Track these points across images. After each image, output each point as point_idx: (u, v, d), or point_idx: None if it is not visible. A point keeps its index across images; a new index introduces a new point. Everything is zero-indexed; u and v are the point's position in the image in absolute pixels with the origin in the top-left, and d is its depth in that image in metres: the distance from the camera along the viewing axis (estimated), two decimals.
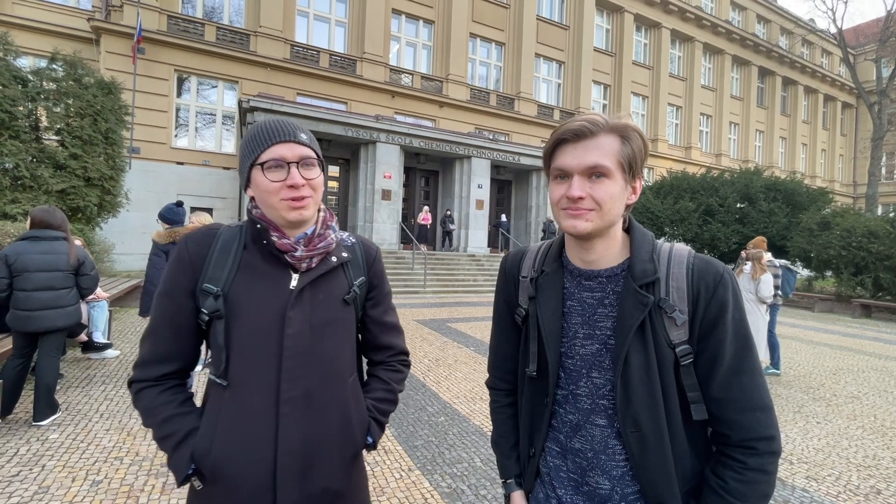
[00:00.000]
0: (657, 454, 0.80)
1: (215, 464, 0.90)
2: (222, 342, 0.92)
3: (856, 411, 4.33)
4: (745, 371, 0.80)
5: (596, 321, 0.86)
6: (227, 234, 0.99)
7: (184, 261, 0.96)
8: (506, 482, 1.02)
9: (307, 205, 0.94)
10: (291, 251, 0.95)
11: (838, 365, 6.23)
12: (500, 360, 1.06)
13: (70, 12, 13.44)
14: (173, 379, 0.98)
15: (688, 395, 0.82)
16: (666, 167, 22.20)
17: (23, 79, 7.65)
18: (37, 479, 2.53)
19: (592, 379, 0.86)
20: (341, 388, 1.01)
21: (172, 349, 0.97)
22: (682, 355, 0.81)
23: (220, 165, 14.22)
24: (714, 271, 0.82)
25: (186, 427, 0.94)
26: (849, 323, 10.65)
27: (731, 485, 0.79)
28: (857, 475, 3.04)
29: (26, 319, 3.06)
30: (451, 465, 2.90)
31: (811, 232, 13.58)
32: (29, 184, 7.52)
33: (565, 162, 0.81)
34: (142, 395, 0.95)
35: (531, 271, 0.96)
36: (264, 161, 0.91)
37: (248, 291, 0.94)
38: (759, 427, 0.79)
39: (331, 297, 1.00)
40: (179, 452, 0.92)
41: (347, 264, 1.05)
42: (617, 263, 0.87)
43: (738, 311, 0.81)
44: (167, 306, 0.96)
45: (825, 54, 32.21)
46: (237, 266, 0.95)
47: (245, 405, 0.92)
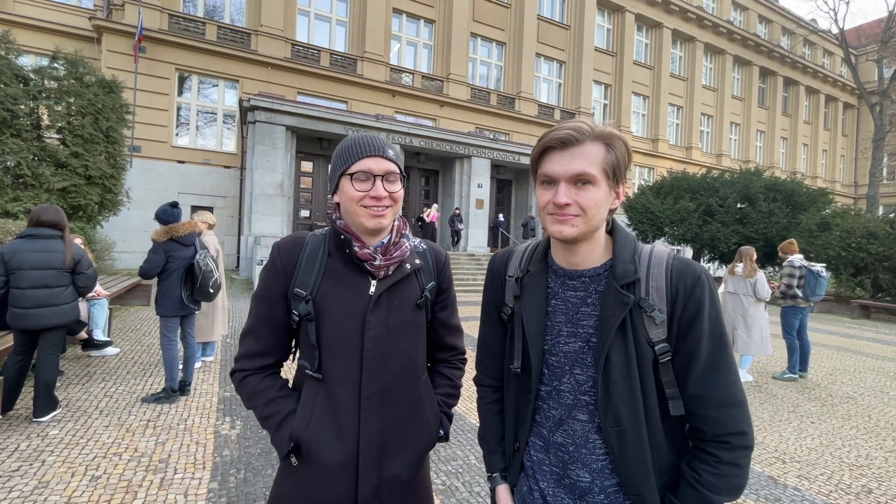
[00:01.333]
0: (636, 448, 0.83)
1: (309, 445, 1.01)
2: (314, 341, 1.02)
3: (851, 411, 4.35)
4: (721, 369, 0.83)
5: (579, 319, 0.89)
6: (313, 242, 1.08)
7: (277, 268, 1.06)
8: (491, 476, 1.05)
9: (386, 214, 1.03)
10: (371, 260, 1.03)
11: (835, 365, 6.24)
12: (487, 357, 1.09)
13: (72, 11, 13.47)
14: (271, 369, 1.10)
15: (666, 391, 0.85)
16: (666, 167, 22.20)
17: (24, 77, 7.68)
18: (36, 475, 2.56)
19: (575, 375, 0.89)
20: (416, 385, 1.11)
21: (270, 345, 1.08)
22: (660, 353, 0.84)
23: (220, 164, 14.26)
24: (692, 272, 0.85)
25: (287, 408, 1.05)
26: (847, 323, 10.66)
27: (706, 478, 0.82)
28: (850, 474, 3.06)
29: (22, 317, 3.08)
30: (445, 463, 2.93)
31: (811, 233, 13.58)
32: (30, 182, 7.55)
33: (552, 169, 0.84)
34: (246, 381, 1.07)
35: (517, 271, 0.99)
36: (353, 172, 1.01)
37: (332, 296, 1.03)
38: (733, 422, 0.82)
39: (405, 301, 1.08)
40: (282, 431, 1.02)
41: (419, 270, 1.13)
42: (600, 264, 0.90)
43: (714, 311, 0.84)
44: (264, 308, 1.07)
45: (827, 55, 32.16)
46: (323, 273, 1.05)
47: (334, 397, 1.03)
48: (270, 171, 12.23)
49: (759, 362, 6.06)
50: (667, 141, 24.08)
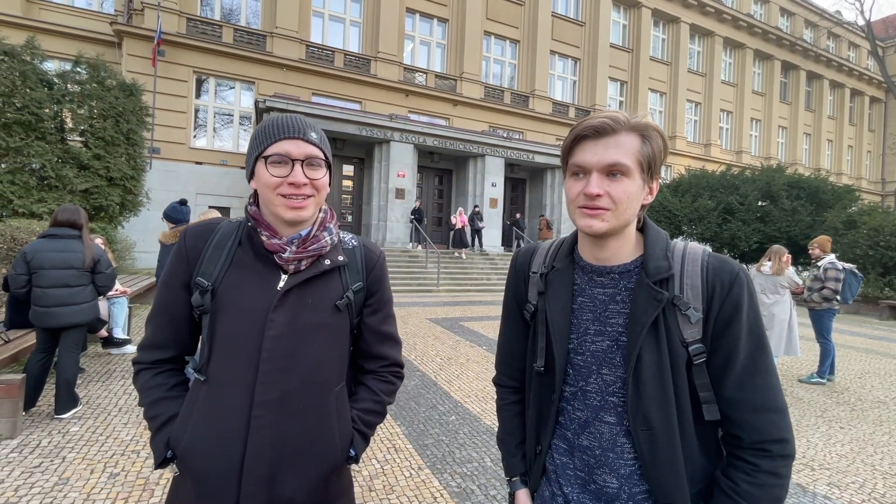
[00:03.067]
0: (667, 453, 0.79)
1: (184, 454, 0.92)
2: (206, 337, 0.93)
3: (882, 416, 4.17)
4: (760, 371, 0.78)
5: (607, 317, 0.85)
6: (225, 229, 0.99)
7: (181, 253, 0.97)
8: (511, 480, 1.01)
9: (307, 205, 0.92)
10: (280, 252, 0.93)
11: (864, 368, 6.02)
12: (507, 357, 1.05)
13: (93, 16, 13.80)
14: (168, 364, 1.01)
15: (700, 394, 0.81)
16: (684, 165, 21.78)
17: (48, 82, 7.90)
18: (57, 471, 2.60)
19: (602, 375, 0.85)
20: (323, 396, 0.98)
21: (168, 337, 0.99)
22: (694, 354, 0.79)
23: (237, 165, 14.45)
24: (730, 269, 0.80)
25: (169, 412, 0.96)
26: (876, 325, 10.29)
27: (743, 487, 0.77)
28: (883, 483, 2.93)
29: (44, 315, 3.15)
30: (461, 465, 2.89)
31: (836, 231, 13.16)
32: (54, 184, 7.76)
33: (584, 158, 0.80)
34: (139, 375, 1.00)
35: (541, 267, 0.96)
36: (269, 155, 0.90)
37: (235, 289, 0.93)
38: (773, 429, 0.77)
39: (321, 301, 0.97)
40: (159, 435, 0.95)
41: (344, 268, 1.02)
42: (630, 260, 0.86)
43: (753, 311, 0.80)
44: (165, 296, 0.99)
45: (852, 47, 31.15)
46: (229, 262, 0.95)
47: (219, 402, 0.92)
48: None
49: (783, 365, 5.87)
50: (685, 138, 23.62)
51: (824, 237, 5.41)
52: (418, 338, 6.48)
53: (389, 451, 3.04)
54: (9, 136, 7.23)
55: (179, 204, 3.79)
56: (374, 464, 2.85)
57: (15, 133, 7.30)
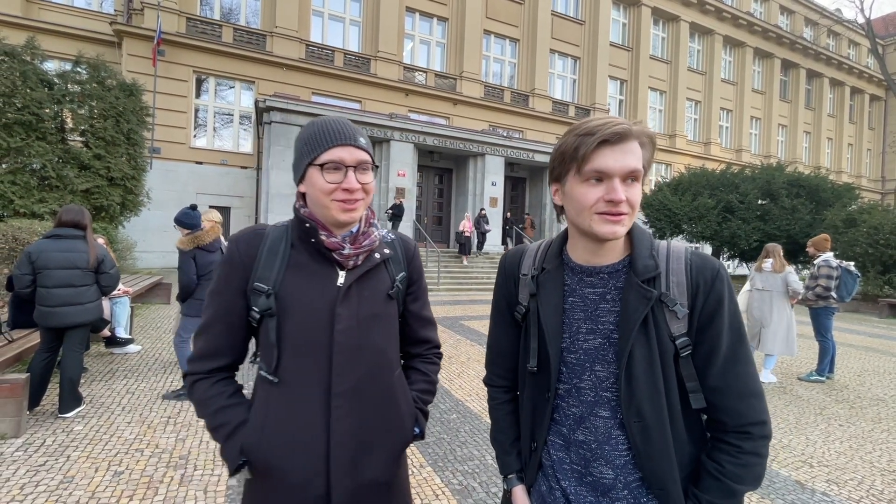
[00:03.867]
0: (659, 442, 0.84)
1: (265, 457, 0.94)
2: (274, 339, 0.95)
3: (881, 414, 4.19)
4: (740, 360, 0.84)
5: (598, 316, 0.88)
6: (274, 233, 1.02)
7: (234, 261, 0.99)
8: (507, 477, 1.03)
9: (358, 207, 0.98)
10: (339, 249, 0.98)
11: (863, 366, 6.04)
12: (498, 358, 1.07)
13: (93, 16, 13.80)
14: (224, 372, 1.03)
15: (686, 384, 0.86)
16: (684, 163, 21.79)
17: (49, 82, 7.90)
18: (62, 469, 2.62)
19: (596, 372, 0.88)
20: (389, 381, 1.05)
21: (224, 345, 1.01)
22: (681, 347, 0.84)
23: (237, 165, 14.47)
24: (711, 266, 0.86)
25: (236, 419, 0.98)
26: (875, 323, 10.31)
27: (729, 468, 0.83)
28: (881, 480, 2.95)
29: (48, 315, 3.17)
30: (462, 463, 2.91)
31: (836, 229, 13.18)
32: (55, 184, 7.78)
33: (606, 164, 0.80)
34: (195, 387, 1.00)
35: (531, 269, 0.98)
36: (323, 162, 0.94)
37: (297, 289, 0.97)
38: (753, 413, 0.83)
39: (376, 292, 1.03)
40: (230, 443, 0.96)
41: (389, 261, 1.08)
42: (618, 260, 0.89)
43: (733, 304, 0.85)
44: (219, 304, 1.00)
45: (852, 45, 31.14)
46: (286, 265, 0.98)
47: (296, 400, 0.95)
48: (286, 170, 12.36)
49: (782, 363, 5.89)
50: (685, 136, 23.63)
51: (821, 237, 5.42)
52: None
53: None
54: (9, 137, 7.25)
55: (190, 209, 3.85)
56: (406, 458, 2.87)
57: (16, 133, 7.31)
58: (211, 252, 3.85)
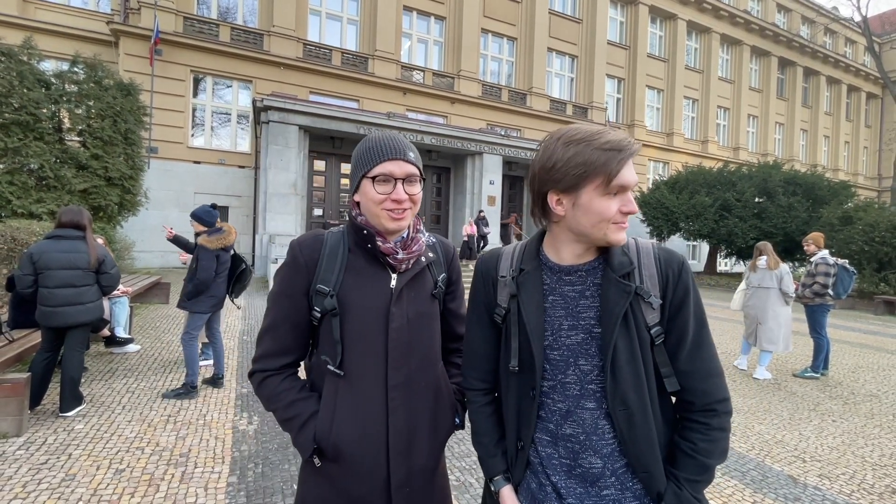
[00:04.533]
0: (643, 428, 0.88)
1: (336, 444, 1.02)
2: (338, 337, 1.04)
3: (874, 410, 4.24)
4: (704, 344, 0.92)
5: (579, 312, 0.92)
6: (332, 239, 1.10)
7: (299, 265, 1.07)
8: (493, 479, 1.02)
9: (406, 216, 1.06)
10: (394, 254, 1.06)
11: (858, 363, 6.10)
12: (476, 361, 1.08)
13: (90, 16, 13.76)
14: (291, 368, 1.12)
15: (661, 370, 0.91)
16: (681, 161, 21.83)
17: (46, 82, 7.88)
18: (63, 467, 2.65)
19: (580, 366, 0.92)
20: (435, 374, 1.14)
21: (290, 343, 1.09)
22: (656, 335, 0.91)
23: (235, 164, 14.46)
24: (677, 259, 0.93)
25: (309, 410, 1.06)
26: (871, 320, 10.38)
27: (700, 446, 0.89)
28: (873, 474, 2.99)
29: (50, 315, 3.20)
30: (459, 459, 2.95)
31: (832, 227, 13.24)
32: (53, 184, 7.76)
33: (629, 178, 0.85)
34: (265, 383, 1.08)
35: (510, 270, 1.01)
36: (375, 175, 1.03)
37: (355, 291, 1.06)
38: (717, 391, 0.90)
39: (422, 293, 1.12)
40: (304, 433, 1.04)
41: (432, 263, 1.17)
42: (594, 258, 0.95)
43: (696, 293, 0.93)
44: (285, 305, 1.08)
45: (849, 43, 31.22)
46: (344, 268, 1.07)
47: (359, 392, 1.04)
48: (284, 170, 12.36)
49: (777, 360, 5.95)
50: (682, 135, 23.68)
51: (818, 233, 5.47)
52: None
53: None
54: (7, 137, 7.23)
55: (211, 207, 4.01)
56: None
57: (13, 133, 7.29)
58: (228, 252, 4.07)
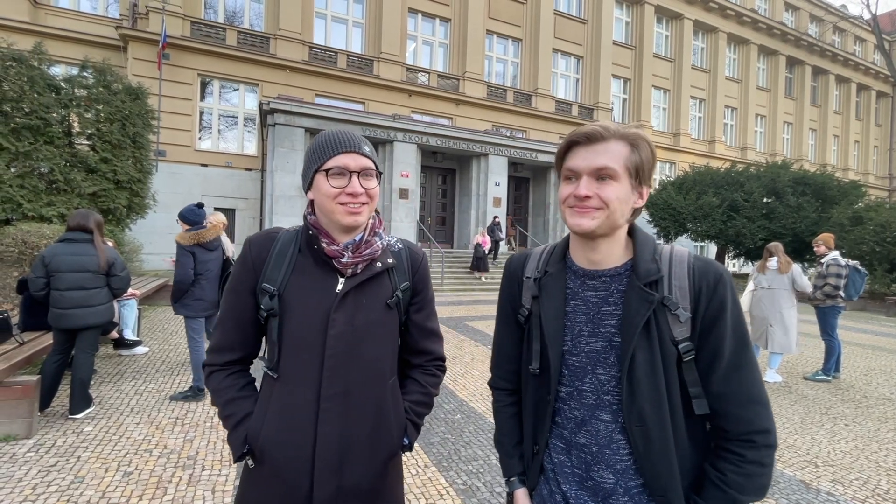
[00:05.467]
0: (661, 448, 0.83)
1: (263, 446, 1.00)
2: (275, 338, 1.02)
3: (887, 413, 4.17)
4: (744, 366, 0.83)
5: (600, 319, 0.89)
6: (285, 237, 1.08)
7: (247, 262, 1.06)
8: (509, 480, 1.04)
9: (362, 212, 1.02)
10: (338, 257, 1.02)
11: (870, 365, 6.01)
12: (502, 360, 1.08)
13: (99, 21, 13.92)
14: (237, 365, 1.10)
15: (689, 389, 0.85)
16: (688, 162, 21.66)
17: (56, 86, 7.97)
18: (73, 469, 2.67)
19: (597, 375, 0.89)
20: (381, 389, 1.07)
21: (236, 340, 1.08)
22: (684, 351, 0.84)
23: (242, 167, 14.54)
24: (714, 271, 0.86)
25: (244, 410, 1.04)
26: (883, 321, 10.24)
27: (731, 477, 0.81)
28: (887, 480, 2.94)
29: (61, 317, 3.24)
30: (466, 463, 2.93)
31: (843, 227, 13.08)
32: (63, 187, 7.85)
33: (575, 163, 0.86)
34: (211, 377, 1.08)
35: (535, 272, 0.99)
36: (329, 168, 0.99)
37: (299, 293, 1.02)
38: (757, 420, 0.82)
39: (375, 300, 1.06)
40: (237, 432, 1.03)
41: (392, 269, 1.10)
42: (620, 263, 0.90)
43: (737, 309, 0.85)
44: (233, 302, 1.07)
45: (858, 41, 30.84)
46: (292, 268, 1.04)
47: (291, 397, 1.00)
48: (290, 172, 12.42)
49: (787, 363, 5.87)
50: (689, 135, 23.50)
51: (828, 234, 5.41)
52: None
53: None
54: (18, 141, 7.32)
55: (196, 206, 3.93)
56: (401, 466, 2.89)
57: (24, 137, 7.39)
58: (210, 251, 3.87)
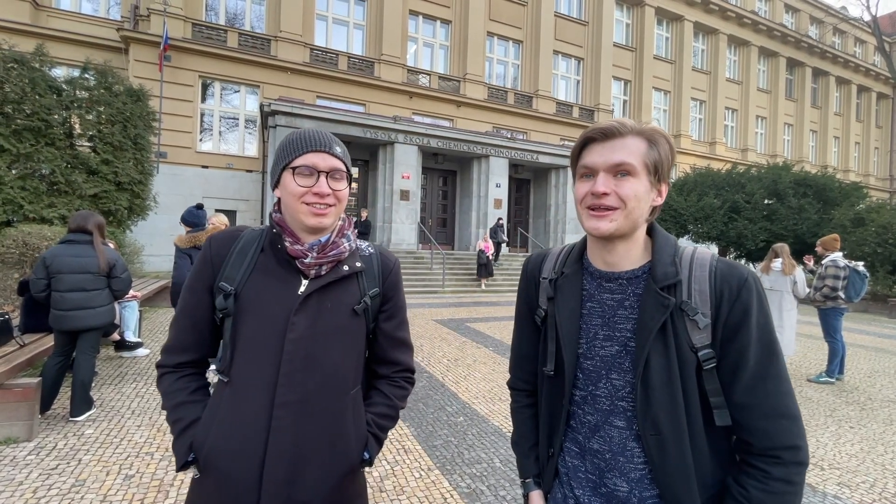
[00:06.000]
0: (677, 458, 0.79)
1: (208, 455, 0.93)
2: (228, 340, 0.96)
3: (892, 415, 4.15)
4: (770, 377, 0.78)
5: (616, 322, 0.86)
6: (249, 236, 1.03)
7: (206, 259, 1.01)
8: (524, 481, 1.03)
9: (328, 213, 0.97)
10: (302, 257, 0.97)
11: (874, 367, 5.98)
12: (520, 361, 1.07)
13: (101, 23, 13.94)
14: (190, 367, 1.04)
15: (710, 399, 0.81)
16: (689, 163, 21.68)
17: (57, 88, 7.98)
18: (73, 473, 2.65)
19: (612, 380, 0.86)
20: (341, 399, 1.00)
21: (190, 340, 1.02)
22: (704, 359, 0.80)
23: (243, 168, 14.55)
24: (738, 275, 0.81)
25: (192, 416, 0.98)
26: (885, 323, 10.21)
27: (754, 494, 0.77)
28: (894, 483, 2.92)
29: (61, 318, 3.23)
30: (470, 466, 2.91)
31: (844, 228, 13.06)
32: (64, 189, 7.85)
33: (592, 159, 0.83)
34: (162, 379, 1.03)
35: (551, 273, 0.97)
36: (297, 166, 0.95)
37: (258, 293, 0.97)
38: (784, 435, 0.77)
39: (339, 305, 1.00)
40: (182, 439, 0.96)
41: (361, 274, 1.05)
42: (638, 266, 0.87)
43: (763, 317, 0.79)
44: (188, 300, 1.02)
45: (858, 43, 30.88)
46: (252, 268, 0.99)
47: (242, 403, 0.94)
48: None
49: (791, 365, 5.85)
50: (689, 136, 23.50)
51: (830, 236, 5.39)
52: (425, 339, 6.51)
53: (399, 452, 3.07)
54: (19, 143, 7.32)
55: (196, 208, 3.94)
56: (385, 465, 2.88)
57: (25, 139, 7.39)
58: None
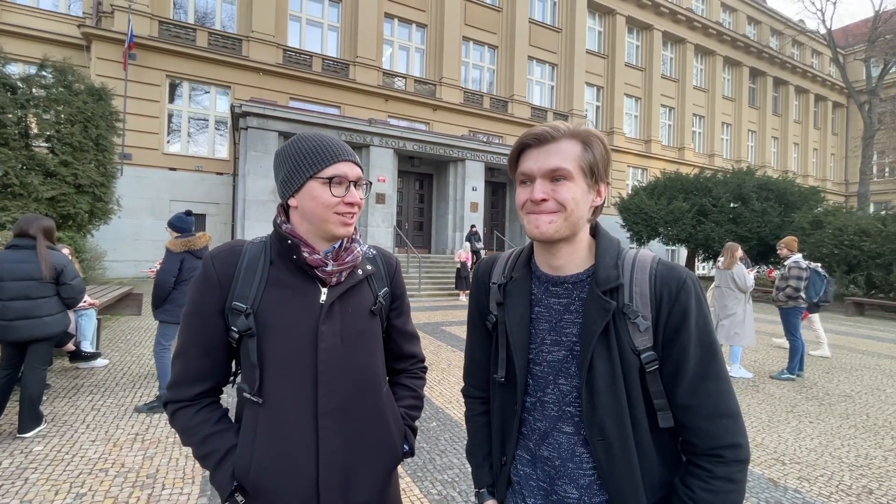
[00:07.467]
0: (624, 462, 0.80)
1: (256, 480, 0.91)
2: (255, 360, 0.92)
3: (848, 410, 4.33)
4: (711, 377, 0.79)
5: (562, 327, 0.86)
6: (252, 250, 0.99)
7: (211, 280, 0.95)
8: (478, 492, 1.01)
9: (354, 221, 0.99)
10: (322, 266, 0.96)
11: (831, 364, 6.24)
12: (473, 368, 1.05)
13: (60, 19, 13.36)
14: (208, 397, 0.99)
15: (654, 402, 0.81)
16: (659, 168, 22.28)
17: (12, 86, 7.59)
18: (19, 493, 2.48)
19: (559, 385, 0.85)
20: (377, 398, 1.03)
21: (205, 368, 0.97)
22: (647, 362, 0.80)
23: (213, 171, 14.15)
24: (677, 277, 0.81)
25: (226, 445, 0.95)
26: (842, 321, 10.70)
27: (699, 494, 0.78)
28: (850, 475, 3.04)
29: (6, 329, 3.02)
30: (441, 472, 2.88)
31: (804, 231, 13.66)
32: (18, 192, 7.45)
33: (528, 166, 0.83)
34: (178, 415, 0.96)
35: (500, 277, 0.96)
36: (331, 176, 0.94)
37: (278, 308, 0.94)
38: (726, 434, 0.78)
39: (359, 309, 1.02)
40: (221, 470, 0.93)
41: (371, 276, 1.07)
42: (583, 269, 0.87)
43: (702, 318, 0.80)
44: (197, 326, 0.96)
45: (815, 55, 32.50)
46: (265, 282, 0.95)
47: (283, 420, 0.92)
48: (263, 176, 12.15)
49: (755, 362, 6.05)
50: (659, 142, 24.20)
51: (791, 238, 5.62)
52: None
53: None
54: None
55: (185, 214, 3.90)
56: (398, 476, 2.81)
57: None
58: (198, 258, 3.89)
